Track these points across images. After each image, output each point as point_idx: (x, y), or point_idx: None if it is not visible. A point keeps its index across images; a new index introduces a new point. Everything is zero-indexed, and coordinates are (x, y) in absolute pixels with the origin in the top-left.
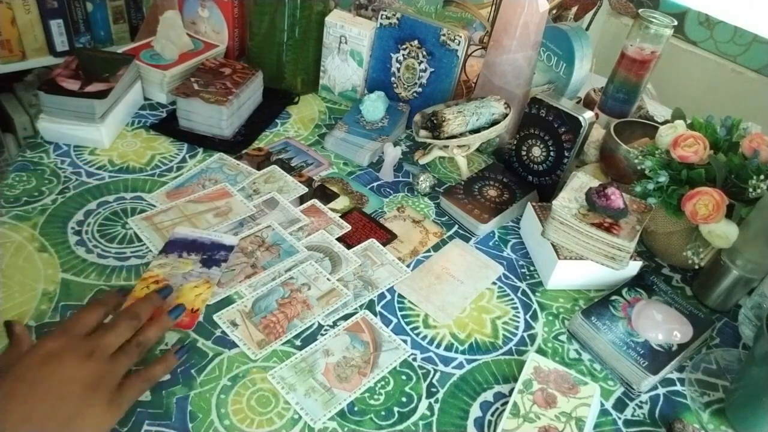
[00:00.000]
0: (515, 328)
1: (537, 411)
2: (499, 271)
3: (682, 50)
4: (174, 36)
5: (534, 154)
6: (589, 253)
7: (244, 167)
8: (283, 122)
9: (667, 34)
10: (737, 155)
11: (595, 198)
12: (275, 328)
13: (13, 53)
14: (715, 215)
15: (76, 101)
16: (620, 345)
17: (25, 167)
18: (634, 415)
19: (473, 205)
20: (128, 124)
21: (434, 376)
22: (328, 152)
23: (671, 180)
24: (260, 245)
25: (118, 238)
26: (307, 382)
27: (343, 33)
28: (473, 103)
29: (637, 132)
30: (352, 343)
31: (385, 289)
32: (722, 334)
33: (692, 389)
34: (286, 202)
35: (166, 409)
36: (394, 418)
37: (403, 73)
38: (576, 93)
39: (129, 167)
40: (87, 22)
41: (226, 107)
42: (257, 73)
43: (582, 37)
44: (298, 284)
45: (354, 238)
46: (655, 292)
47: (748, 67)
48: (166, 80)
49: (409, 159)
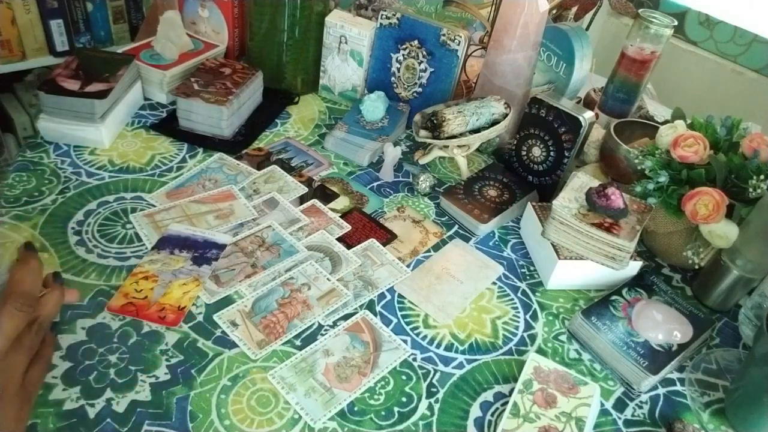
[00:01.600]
0: (515, 328)
1: (537, 411)
2: (499, 271)
3: (682, 50)
4: (174, 36)
5: (534, 154)
6: (589, 253)
7: (244, 167)
8: (283, 122)
9: (667, 34)
10: (737, 155)
11: (595, 198)
12: (275, 328)
13: (13, 53)
14: (715, 215)
15: (76, 101)
16: (620, 345)
17: (25, 167)
18: (634, 415)
19: (473, 205)
20: (128, 124)
21: (434, 376)
22: (328, 152)
23: (671, 180)
24: (260, 245)
25: (118, 238)
26: (307, 382)
27: (343, 33)
28: (473, 103)
29: (637, 132)
30: (352, 343)
31: (385, 289)
32: (722, 334)
33: (692, 389)
34: (286, 202)
35: (166, 409)
36: (394, 418)
37: (403, 73)
38: (576, 93)
39: (129, 167)
40: (87, 22)
41: (226, 107)
42: (257, 73)
43: (582, 37)
44: (298, 284)
45: (354, 238)
46: (655, 292)
47: (748, 67)
48: (166, 80)
49: (409, 159)
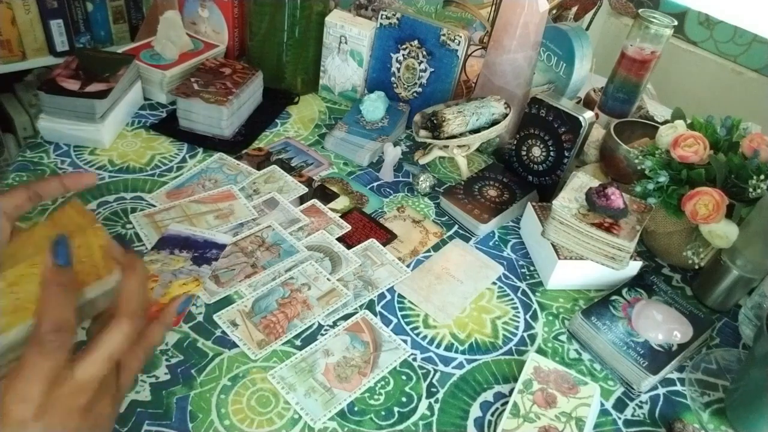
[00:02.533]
0: (515, 328)
1: (537, 411)
2: (499, 271)
3: (682, 50)
4: (174, 36)
5: (534, 154)
6: (589, 253)
7: (244, 167)
8: (283, 122)
9: (667, 34)
10: (737, 155)
11: (595, 198)
12: (275, 328)
13: (13, 53)
14: (715, 215)
15: (76, 101)
16: (620, 345)
17: (25, 167)
18: (634, 415)
19: (473, 205)
20: (128, 124)
21: (434, 376)
22: (328, 152)
23: (671, 180)
24: (260, 245)
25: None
26: (307, 382)
27: (343, 33)
28: (473, 103)
29: (637, 132)
30: (352, 343)
31: (385, 289)
32: (722, 334)
33: (692, 389)
34: (286, 202)
35: (166, 409)
36: (394, 418)
37: (403, 73)
38: (576, 93)
39: (129, 167)
40: (87, 22)
41: (226, 107)
42: (257, 73)
43: (582, 37)
44: (298, 284)
45: (354, 238)
46: (655, 292)
47: (748, 67)
48: (166, 80)
49: (409, 159)
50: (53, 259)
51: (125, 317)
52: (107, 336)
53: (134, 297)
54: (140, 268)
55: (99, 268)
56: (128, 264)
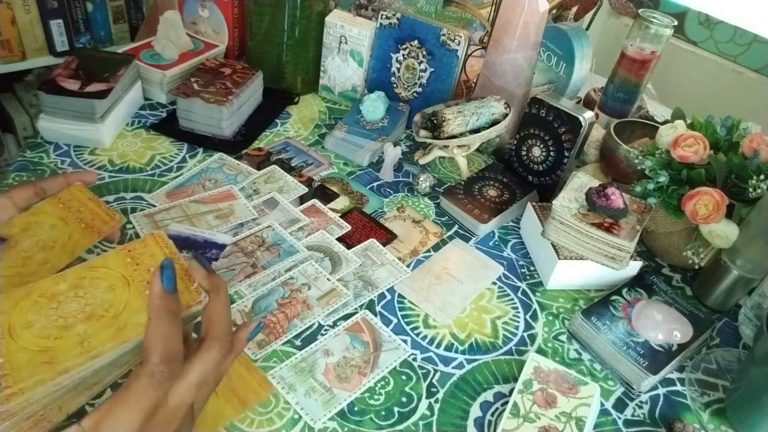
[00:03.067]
0: (515, 328)
1: (537, 411)
2: (499, 271)
3: (682, 50)
4: (174, 36)
5: (534, 154)
6: (589, 253)
7: (244, 167)
8: (283, 122)
9: (667, 34)
10: (737, 155)
11: (595, 198)
12: (275, 328)
13: (13, 53)
14: (715, 215)
15: (76, 101)
16: (620, 345)
17: (25, 167)
18: (634, 415)
19: (473, 205)
20: (128, 124)
21: (434, 376)
22: (328, 152)
23: (671, 180)
24: (260, 245)
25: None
26: (307, 382)
27: (343, 33)
28: (473, 103)
29: (637, 132)
30: (352, 343)
31: (385, 289)
32: (722, 334)
33: (692, 389)
34: (286, 202)
35: None
36: (394, 418)
37: (403, 73)
38: (576, 93)
39: (129, 167)
40: (87, 22)
41: (226, 107)
42: (257, 73)
43: (582, 37)
44: (298, 284)
45: (354, 238)
46: (655, 292)
47: (748, 67)
48: (166, 80)
49: (409, 159)
50: (160, 284)
51: (216, 341)
52: (197, 361)
53: (222, 320)
54: (224, 290)
55: (99, 225)
56: (213, 287)
